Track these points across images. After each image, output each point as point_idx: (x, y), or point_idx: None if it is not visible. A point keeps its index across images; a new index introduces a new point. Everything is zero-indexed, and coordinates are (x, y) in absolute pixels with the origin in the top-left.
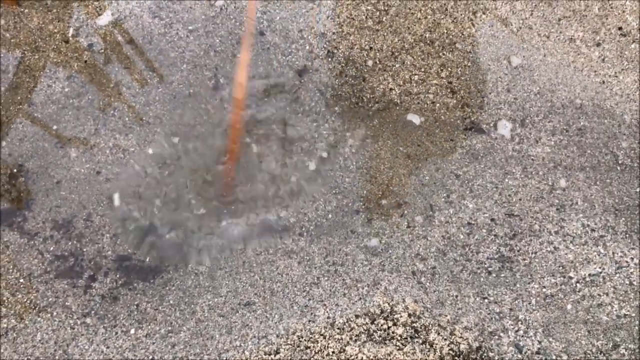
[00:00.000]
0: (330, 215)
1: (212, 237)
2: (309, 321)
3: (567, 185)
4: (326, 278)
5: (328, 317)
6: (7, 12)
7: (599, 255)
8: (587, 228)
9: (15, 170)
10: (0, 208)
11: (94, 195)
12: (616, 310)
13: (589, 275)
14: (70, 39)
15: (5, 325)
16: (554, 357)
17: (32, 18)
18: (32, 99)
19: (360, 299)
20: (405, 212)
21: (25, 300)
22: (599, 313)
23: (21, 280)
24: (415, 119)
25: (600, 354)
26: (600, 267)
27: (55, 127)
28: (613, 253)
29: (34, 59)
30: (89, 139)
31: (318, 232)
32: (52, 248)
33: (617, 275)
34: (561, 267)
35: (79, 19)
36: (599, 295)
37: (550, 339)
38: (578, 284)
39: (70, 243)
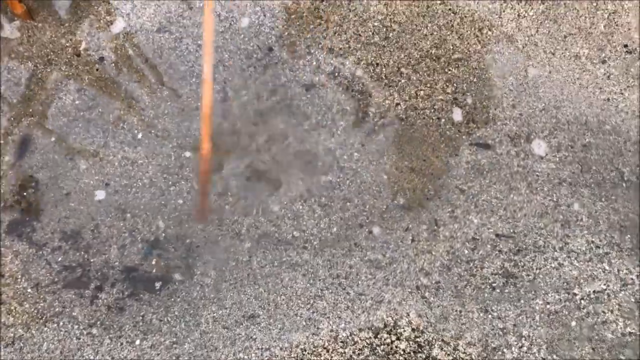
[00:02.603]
0: (334, 229)
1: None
2: (313, 334)
3: (573, 201)
4: (330, 291)
5: (331, 331)
6: (22, 26)
7: (603, 272)
8: (591, 245)
9: (25, 182)
10: (9, 218)
11: (103, 207)
12: (621, 328)
13: (594, 292)
14: (82, 52)
15: (12, 335)
16: None
17: (45, 32)
18: (44, 111)
19: (364, 312)
20: (410, 226)
21: (32, 310)
22: (604, 330)
23: (29, 290)
24: (457, 114)
25: None
26: (605, 284)
27: (65, 139)
28: (618, 270)
29: (46, 71)
30: (98, 151)
31: (322, 245)
32: (60, 258)
33: (622, 292)
34: (565, 284)
35: (90, 32)
36: (603, 312)
37: (554, 356)
38: (582, 301)
39: (78, 254)
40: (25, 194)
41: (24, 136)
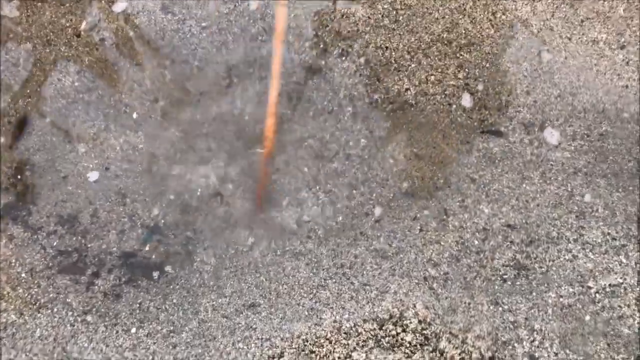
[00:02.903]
0: (340, 217)
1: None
2: (315, 325)
3: (588, 192)
4: (334, 281)
5: (335, 321)
6: (21, 5)
7: (620, 265)
8: (607, 236)
9: (21, 164)
10: (4, 201)
11: (102, 191)
12: (638, 323)
13: (609, 285)
14: (82, 33)
15: (4, 320)
16: None
17: (45, 12)
18: (42, 92)
19: (369, 303)
20: (418, 215)
21: (26, 295)
22: (620, 325)
23: (23, 275)
24: (467, 100)
25: None
26: (621, 278)
27: (64, 121)
28: (635, 263)
29: (45, 52)
30: (98, 135)
31: (327, 234)
32: (55, 243)
33: (639, 286)
34: (580, 277)
35: (91, 12)
36: (619, 306)
37: (567, 351)
38: (597, 295)
39: (74, 238)
40: (21, 176)
41: (22, 117)
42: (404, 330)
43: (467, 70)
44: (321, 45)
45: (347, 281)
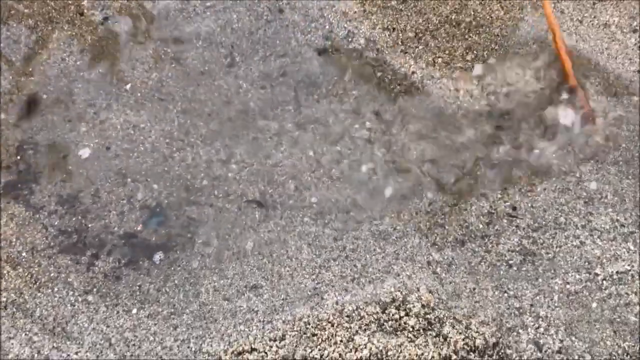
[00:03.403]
0: (343, 200)
1: None
2: (317, 305)
3: (597, 177)
4: (337, 263)
5: (337, 304)
6: None
7: (628, 252)
8: (616, 223)
9: (23, 143)
10: (5, 180)
11: (102, 171)
12: None
13: (617, 272)
14: (85, 11)
15: (4, 300)
16: (576, 357)
17: None
18: (44, 70)
19: (372, 285)
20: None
21: (26, 274)
22: (627, 313)
23: (23, 254)
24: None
25: (627, 355)
26: (629, 265)
27: (65, 100)
28: None
29: (47, 30)
30: (99, 114)
31: (328, 213)
32: (56, 222)
33: None
34: (587, 263)
35: None
36: (626, 294)
37: (573, 338)
38: (604, 282)
39: (75, 218)
40: (22, 155)
41: (31, 97)
42: (407, 314)
43: (475, 52)
44: (327, 27)
45: (350, 263)
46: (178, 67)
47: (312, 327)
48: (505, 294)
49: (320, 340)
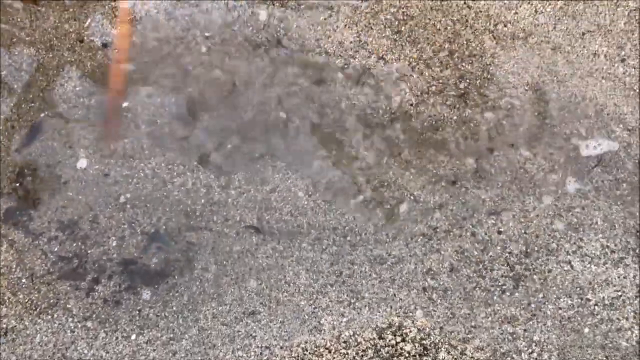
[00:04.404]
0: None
1: None
2: (314, 329)
3: (587, 204)
4: (334, 289)
5: (334, 329)
6: (24, 10)
7: (618, 277)
8: (606, 249)
9: (23, 169)
10: (6, 206)
11: (102, 197)
12: (636, 336)
13: (608, 298)
14: (85, 38)
15: (4, 326)
16: None
17: (49, 17)
18: (44, 97)
19: (368, 311)
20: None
21: (26, 300)
22: (618, 338)
23: (23, 280)
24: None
25: None
26: (620, 290)
27: (65, 126)
28: (634, 276)
29: (48, 57)
30: (99, 140)
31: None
32: (56, 249)
33: (638, 299)
34: (579, 289)
35: (95, 18)
36: (618, 319)
37: None
38: (596, 307)
39: (75, 244)
40: (22, 181)
41: (35, 123)
42: (403, 340)
43: (468, 81)
44: (324, 55)
45: (346, 289)
46: (179, 94)
47: (309, 353)
48: (499, 319)
49: None
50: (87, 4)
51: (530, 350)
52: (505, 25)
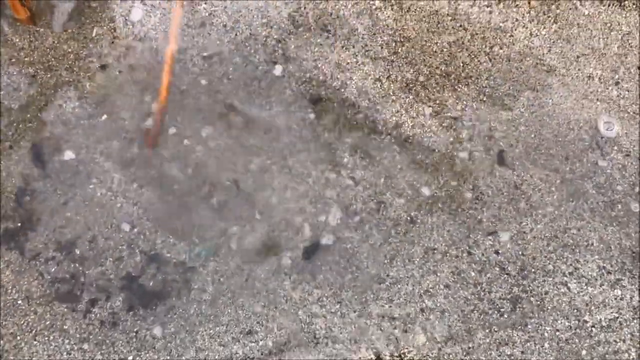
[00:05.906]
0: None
1: None
2: (312, 348)
3: (583, 225)
4: (331, 310)
5: (330, 349)
6: (23, 31)
7: (615, 299)
8: (603, 270)
9: (22, 189)
10: (3, 227)
11: (101, 218)
12: (633, 358)
13: (605, 319)
14: (84, 59)
15: (1, 348)
16: None
17: (47, 37)
18: (42, 117)
19: (365, 332)
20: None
21: (22, 322)
22: None
23: (19, 302)
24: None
25: None
26: (616, 312)
27: (64, 147)
28: (631, 297)
29: (47, 77)
30: (97, 161)
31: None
32: (53, 269)
33: (635, 321)
34: (576, 310)
35: (93, 39)
36: (615, 341)
37: None
38: (593, 329)
39: (72, 265)
40: (21, 203)
41: (35, 145)
42: None
43: (464, 102)
44: (320, 77)
45: (345, 308)
46: (179, 116)
47: None
48: (497, 341)
49: None
50: (85, 25)
51: None
52: (500, 48)
